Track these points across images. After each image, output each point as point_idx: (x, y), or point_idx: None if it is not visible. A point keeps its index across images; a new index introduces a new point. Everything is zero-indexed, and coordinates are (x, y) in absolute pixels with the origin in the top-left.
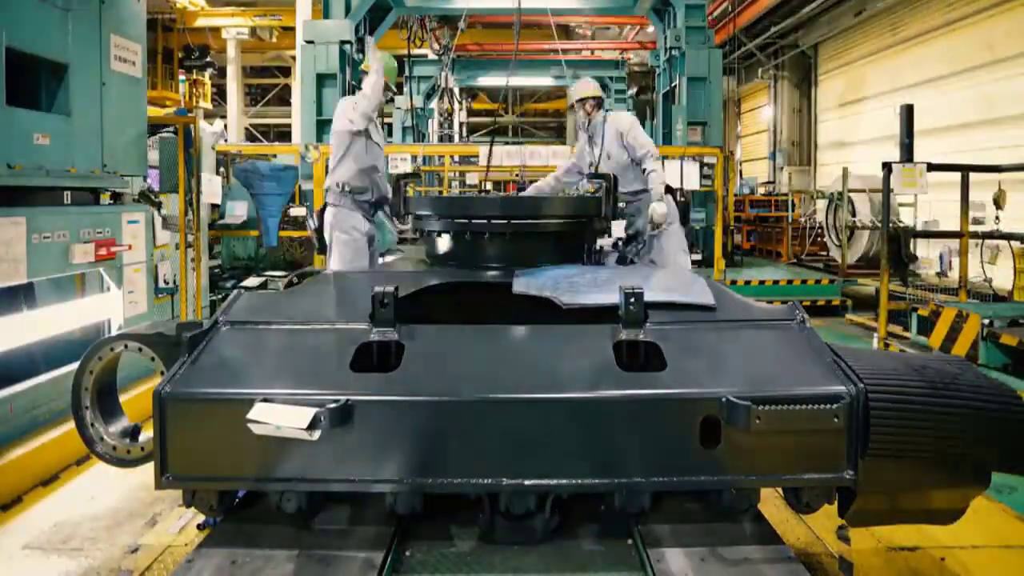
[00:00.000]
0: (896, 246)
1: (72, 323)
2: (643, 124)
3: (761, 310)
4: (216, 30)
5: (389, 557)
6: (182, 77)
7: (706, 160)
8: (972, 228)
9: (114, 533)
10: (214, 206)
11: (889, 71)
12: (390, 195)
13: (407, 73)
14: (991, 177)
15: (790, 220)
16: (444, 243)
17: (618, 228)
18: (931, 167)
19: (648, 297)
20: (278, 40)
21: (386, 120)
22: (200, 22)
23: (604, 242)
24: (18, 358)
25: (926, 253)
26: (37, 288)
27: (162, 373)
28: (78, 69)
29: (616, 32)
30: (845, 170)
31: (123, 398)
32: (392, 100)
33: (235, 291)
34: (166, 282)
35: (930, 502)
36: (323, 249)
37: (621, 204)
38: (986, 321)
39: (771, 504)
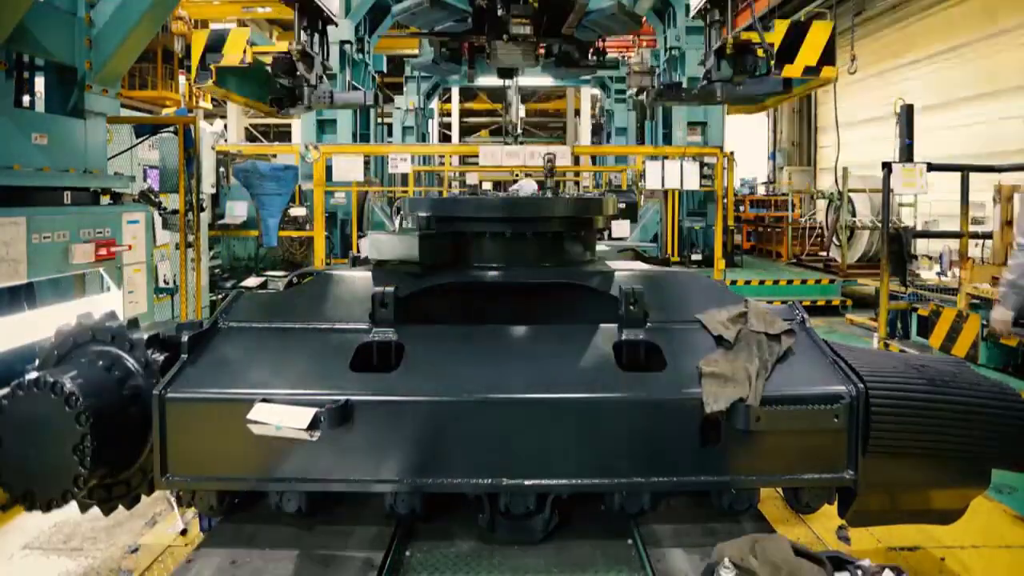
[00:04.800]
0: (897, 246)
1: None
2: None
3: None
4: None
5: (389, 557)
6: (182, 77)
7: (706, 160)
8: (972, 228)
9: (114, 533)
10: (214, 205)
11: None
12: None
13: (407, 73)
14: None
15: (790, 220)
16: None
17: (620, 228)
18: (931, 167)
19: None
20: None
21: (386, 121)
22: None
23: None
24: (18, 358)
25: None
26: (37, 288)
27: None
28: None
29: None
30: (845, 170)
31: None
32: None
33: (235, 291)
34: (166, 282)
35: (930, 502)
36: None
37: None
38: (986, 321)
39: (771, 504)
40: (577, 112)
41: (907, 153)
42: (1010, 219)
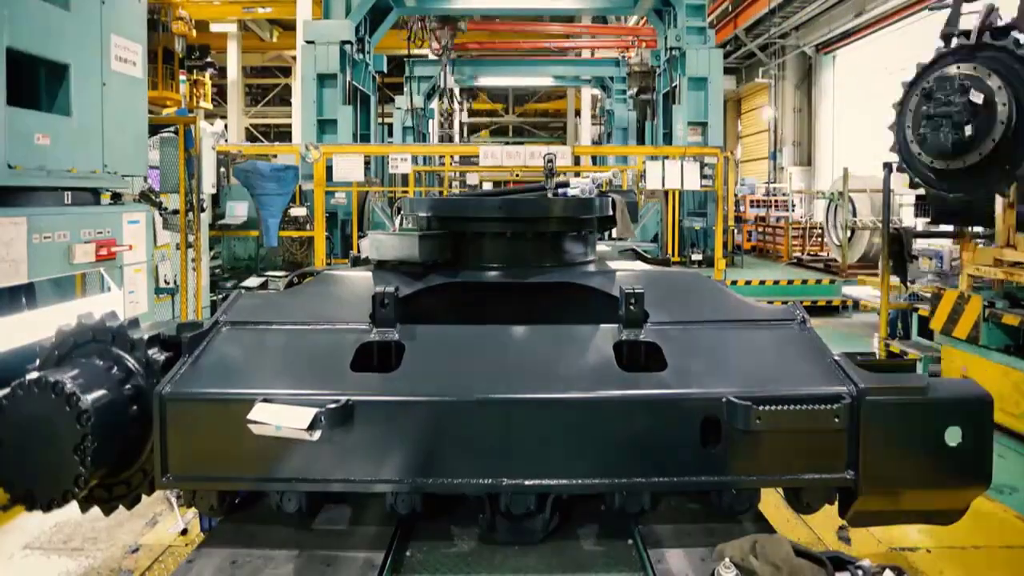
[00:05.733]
0: (897, 246)
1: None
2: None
3: (761, 310)
4: (204, 24)
5: (389, 557)
6: (183, 77)
7: (706, 160)
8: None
9: (114, 533)
10: (214, 205)
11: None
12: None
13: (407, 73)
14: None
15: (790, 220)
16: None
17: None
18: None
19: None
20: (278, 40)
21: (386, 121)
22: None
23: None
24: (18, 358)
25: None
26: (37, 288)
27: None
28: (78, 69)
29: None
30: (845, 170)
31: None
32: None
33: (235, 291)
34: (167, 282)
35: (930, 502)
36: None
37: None
38: (987, 302)
39: (771, 504)
40: (577, 112)
41: None
42: (1012, 201)
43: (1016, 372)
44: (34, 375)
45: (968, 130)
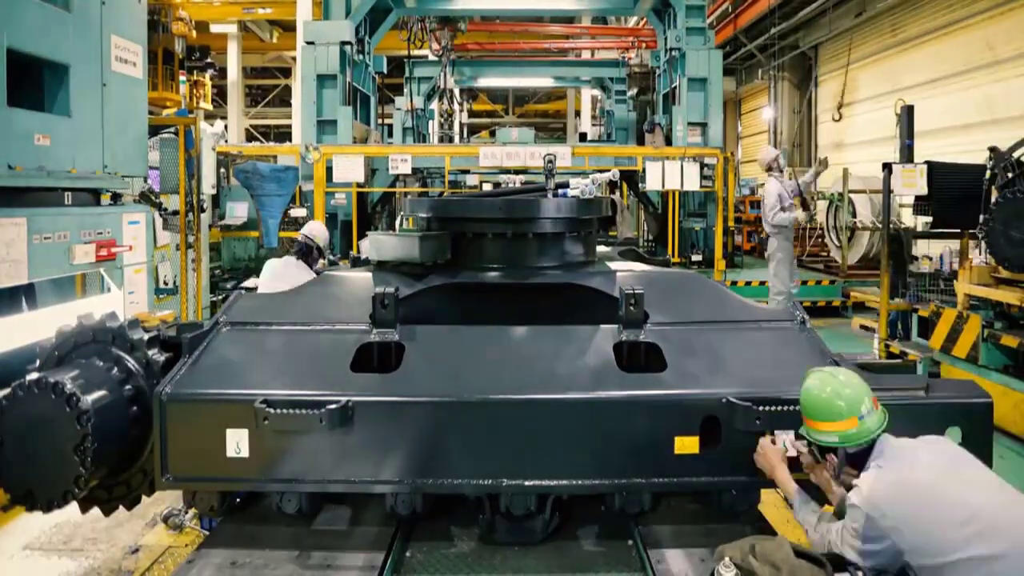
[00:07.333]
0: (897, 247)
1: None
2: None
3: (761, 310)
4: (204, 24)
5: (390, 557)
6: (183, 78)
7: (706, 161)
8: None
9: (114, 533)
10: (215, 205)
11: (890, 72)
12: None
13: (407, 74)
14: None
15: None
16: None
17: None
18: (931, 167)
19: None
20: (278, 41)
21: (386, 121)
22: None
23: None
24: (18, 358)
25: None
26: (37, 288)
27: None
28: (78, 70)
29: (616, 21)
30: (845, 171)
31: None
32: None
33: (235, 292)
34: (166, 283)
35: None
36: None
37: None
38: (986, 322)
39: (771, 504)
40: (577, 113)
41: (907, 153)
42: None
43: (1016, 393)
44: (34, 375)
45: None
